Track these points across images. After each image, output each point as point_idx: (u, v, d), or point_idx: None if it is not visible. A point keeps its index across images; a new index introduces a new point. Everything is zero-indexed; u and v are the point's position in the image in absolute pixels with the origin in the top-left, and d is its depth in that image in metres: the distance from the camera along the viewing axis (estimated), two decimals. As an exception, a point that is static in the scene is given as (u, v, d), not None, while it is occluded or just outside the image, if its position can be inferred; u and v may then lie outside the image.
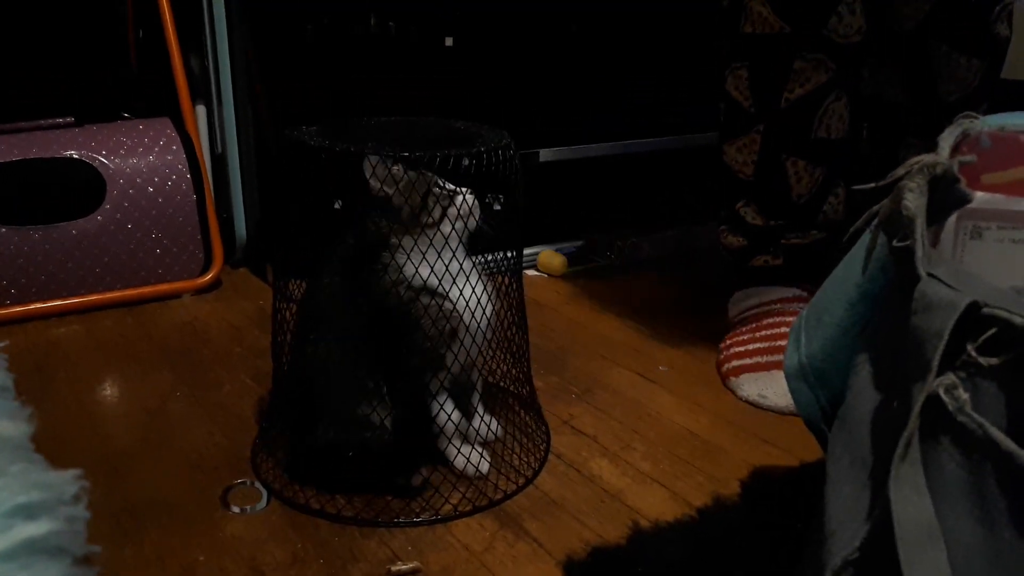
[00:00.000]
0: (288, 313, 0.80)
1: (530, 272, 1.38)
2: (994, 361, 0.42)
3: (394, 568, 0.66)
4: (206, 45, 1.28)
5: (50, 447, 0.82)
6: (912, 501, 0.42)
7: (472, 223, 0.76)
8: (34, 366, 1.02)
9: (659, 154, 1.54)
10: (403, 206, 0.73)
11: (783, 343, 0.98)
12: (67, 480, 0.26)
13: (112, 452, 0.83)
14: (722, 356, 1.03)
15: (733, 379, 0.98)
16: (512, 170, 0.76)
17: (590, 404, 0.94)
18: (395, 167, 0.72)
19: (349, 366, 0.75)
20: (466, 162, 0.73)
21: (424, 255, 0.73)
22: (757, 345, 1.01)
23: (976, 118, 0.53)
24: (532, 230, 1.44)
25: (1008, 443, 0.40)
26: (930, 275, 0.45)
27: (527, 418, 0.88)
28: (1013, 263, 0.50)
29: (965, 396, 0.42)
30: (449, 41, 1.27)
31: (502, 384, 0.89)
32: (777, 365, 0.95)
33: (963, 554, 0.41)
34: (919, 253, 0.46)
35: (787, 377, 0.66)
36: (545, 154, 1.44)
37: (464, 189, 0.76)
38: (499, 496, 0.76)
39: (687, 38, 1.51)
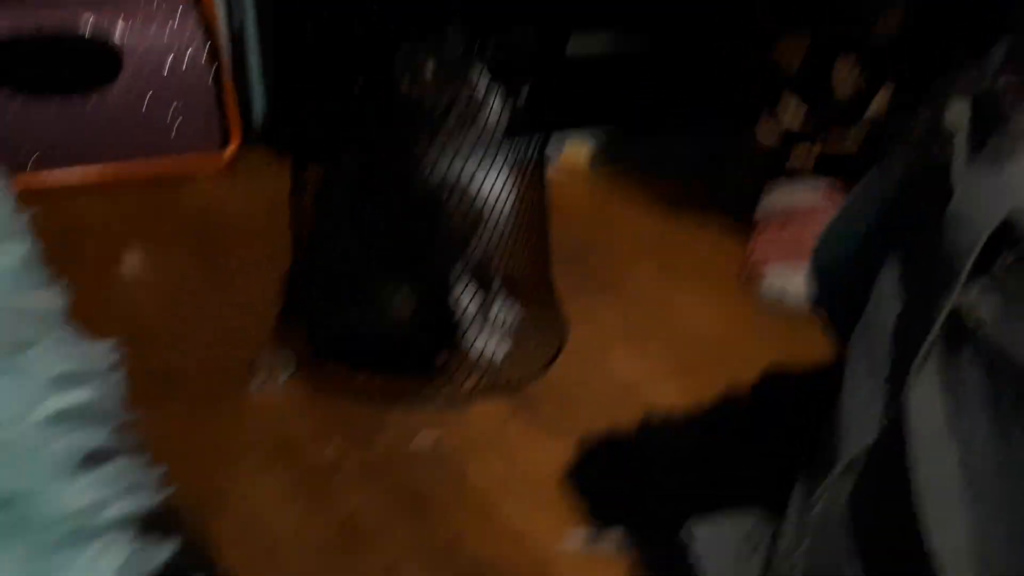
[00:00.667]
0: (307, 196, 0.80)
1: (556, 164, 1.36)
2: (1019, 279, 0.43)
3: (414, 439, 0.69)
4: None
5: (80, 318, 0.84)
6: (926, 405, 0.44)
7: (503, 122, 0.75)
8: (56, 238, 1.02)
9: (690, 51, 1.48)
10: (434, 105, 0.72)
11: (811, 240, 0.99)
12: (103, 350, 0.27)
13: (135, 328, 0.84)
14: (750, 250, 1.04)
15: (759, 272, 0.99)
16: (534, 56, 0.75)
17: (612, 297, 0.95)
18: (427, 65, 0.71)
19: (373, 252, 0.76)
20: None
21: (454, 149, 0.73)
22: (785, 241, 1.02)
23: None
24: (559, 121, 1.41)
25: (1026, 357, 0.41)
26: (966, 190, 0.45)
27: (546, 309, 0.89)
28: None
29: (989, 311, 0.43)
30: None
31: (522, 273, 0.90)
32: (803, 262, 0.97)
33: (976, 457, 0.43)
34: (957, 167, 0.46)
35: (811, 273, 0.67)
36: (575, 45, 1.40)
37: (496, 89, 0.74)
38: (515, 381, 0.78)
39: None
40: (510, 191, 0.77)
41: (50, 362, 0.25)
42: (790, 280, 0.95)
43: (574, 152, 1.36)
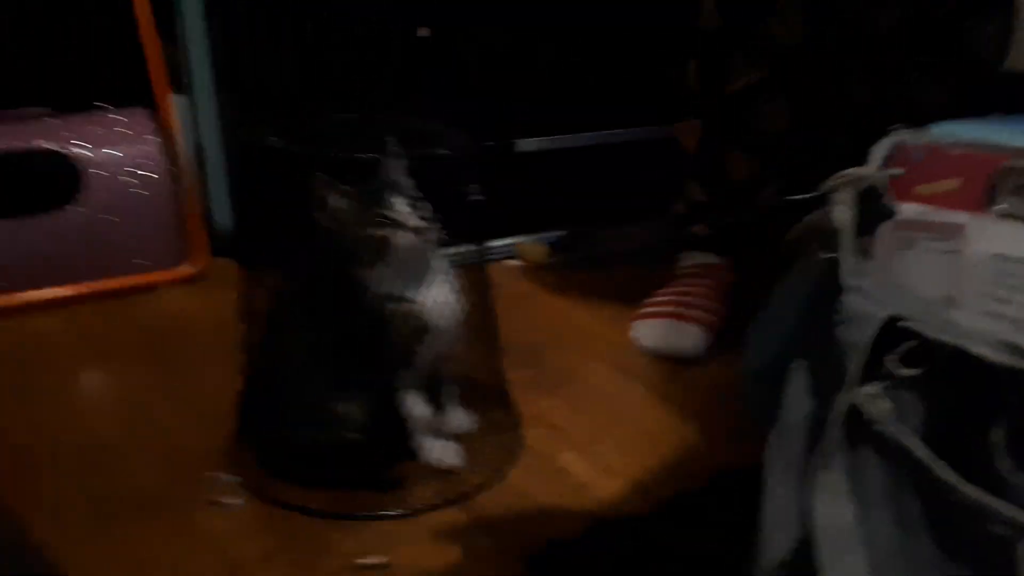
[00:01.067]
0: (257, 306, 0.82)
1: (510, 263, 1.39)
2: (913, 372, 0.44)
3: (361, 561, 0.69)
4: (180, 35, 1.29)
5: (35, 442, 0.85)
6: (831, 506, 0.45)
7: (432, 235, 0.77)
8: (14, 360, 1.04)
9: (640, 143, 1.55)
10: (352, 232, 0.74)
11: (687, 298, 1.08)
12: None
13: (90, 446, 0.85)
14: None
15: (631, 324, 1.08)
16: (471, 168, 0.78)
17: (564, 398, 0.96)
18: (335, 197, 0.73)
19: (323, 364, 0.77)
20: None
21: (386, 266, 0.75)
22: (663, 298, 1.10)
23: (909, 130, 0.55)
24: (512, 220, 1.45)
25: (924, 452, 0.43)
26: (854, 287, 0.47)
27: (499, 412, 0.90)
28: (943, 273, 0.52)
29: (886, 406, 0.45)
30: (425, 32, 1.28)
31: (473, 377, 0.91)
32: (666, 315, 1.07)
33: (883, 556, 0.44)
34: (844, 265, 0.48)
35: (743, 379, 0.68)
36: (523, 144, 1.46)
37: (408, 210, 0.75)
38: (469, 489, 0.78)
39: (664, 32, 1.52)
40: (451, 298, 0.79)
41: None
42: (643, 328, 1.07)
43: (530, 248, 1.39)
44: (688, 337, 1.03)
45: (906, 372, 0.44)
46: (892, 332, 0.45)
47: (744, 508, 0.70)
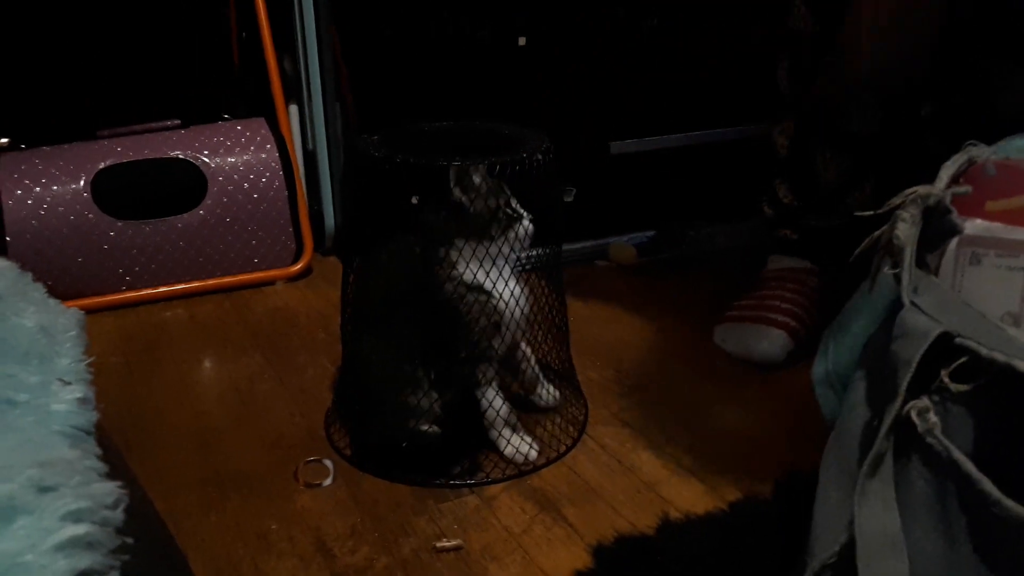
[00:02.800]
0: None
1: (600, 263, 1.42)
2: (963, 388, 0.45)
3: (439, 544, 0.74)
4: (298, 48, 1.38)
5: (157, 423, 0.94)
6: (876, 514, 0.46)
7: (526, 245, 0.82)
8: (143, 346, 1.15)
9: (732, 144, 1.54)
10: (479, 212, 0.80)
11: (773, 302, 1.08)
12: (108, 490, 0.34)
13: (204, 427, 0.94)
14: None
15: (715, 327, 1.10)
16: (550, 173, 0.82)
17: (641, 397, 0.98)
18: (476, 176, 0.79)
19: (401, 359, 0.82)
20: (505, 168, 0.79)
21: (480, 260, 0.80)
22: (748, 301, 1.11)
23: (981, 146, 0.55)
24: (604, 221, 1.48)
25: (969, 466, 0.43)
26: (912, 303, 0.48)
27: (567, 393, 0.95)
28: (1009, 289, 0.52)
29: (935, 419, 0.45)
30: (522, 41, 1.33)
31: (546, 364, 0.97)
32: (752, 319, 1.07)
33: (924, 564, 0.45)
34: (904, 281, 0.49)
35: (814, 383, 0.69)
36: (616, 146, 1.48)
37: (527, 215, 0.82)
38: (529, 468, 0.84)
39: (759, 29, 1.51)
40: (525, 295, 0.84)
41: (65, 503, 0.32)
42: (728, 333, 1.08)
43: (619, 249, 1.41)
44: (771, 342, 1.03)
45: (956, 387, 0.45)
46: (948, 347, 0.46)
47: (811, 513, 0.71)
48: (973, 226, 0.53)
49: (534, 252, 0.87)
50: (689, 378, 1.02)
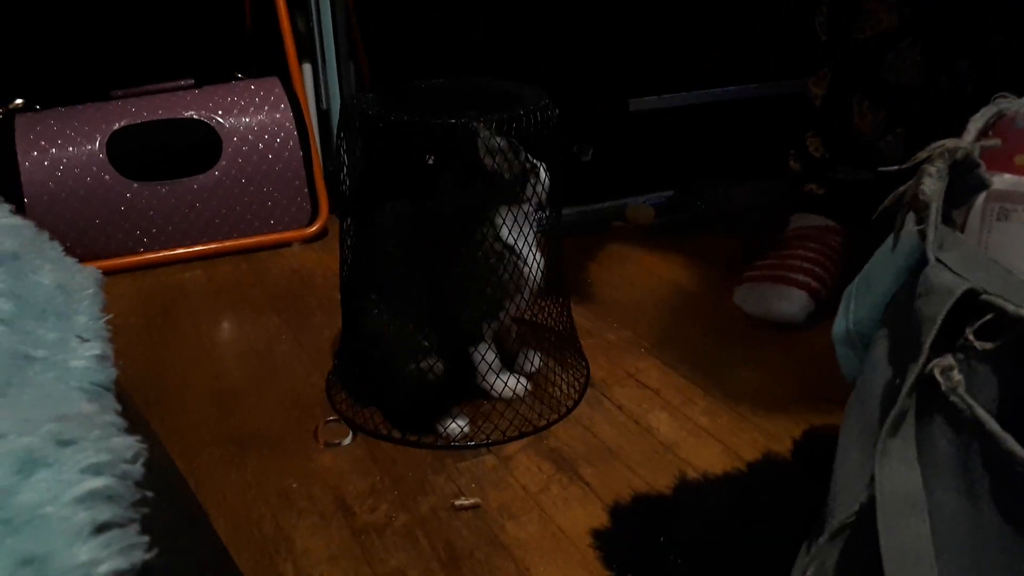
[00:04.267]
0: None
1: (618, 223, 1.41)
2: (988, 346, 0.44)
3: (457, 502, 0.74)
4: (311, 6, 1.36)
5: (174, 380, 0.95)
6: (898, 472, 0.45)
7: (544, 200, 0.82)
8: (161, 308, 1.16)
9: (753, 101, 1.52)
10: (505, 173, 0.79)
11: (794, 262, 1.06)
12: (128, 444, 0.34)
13: (223, 388, 0.95)
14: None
15: (735, 287, 1.08)
16: (552, 130, 0.81)
17: (659, 358, 0.98)
18: (500, 139, 0.78)
19: (405, 318, 0.82)
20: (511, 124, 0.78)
21: (515, 219, 0.80)
22: (769, 261, 1.09)
23: (1011, 98, 0.53)
24: (623, 180, 1.47)
25: (993, 425, 0.43)
26: (937, 260, 0.47)
27: (568, 354, 0.96)
28: (1038, 245, 0.51)
29: (959, 377, 0.45)
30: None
31: (545, 323, 0.97)
32: (773, 278, 1.05)
33: (947, 523, 0.44)
34: (929, 237, 0.48)
35: (835, 342, 0.68)
36: (635, 104, 1.46)
37: (541, 163, 0.81)
38: (543, 423, 0.85)
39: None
40: (539, 257, 0.83)
41: (85, 455, 0.33)
42: (749, 293, 1.06)
43: (636, 209, 1.40)
44: (791, 302, 1.02)
45: (981, 345, 0.44)
46: (973, 304, 0.45)
47: (829, 472, 0.71)
48: (1002, 180, 0.52)
49: (541, 213, 0.86)
50: (708, 339, 1.02)
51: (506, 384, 0.87)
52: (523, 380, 0.89)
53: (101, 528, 0.31)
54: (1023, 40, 1.02)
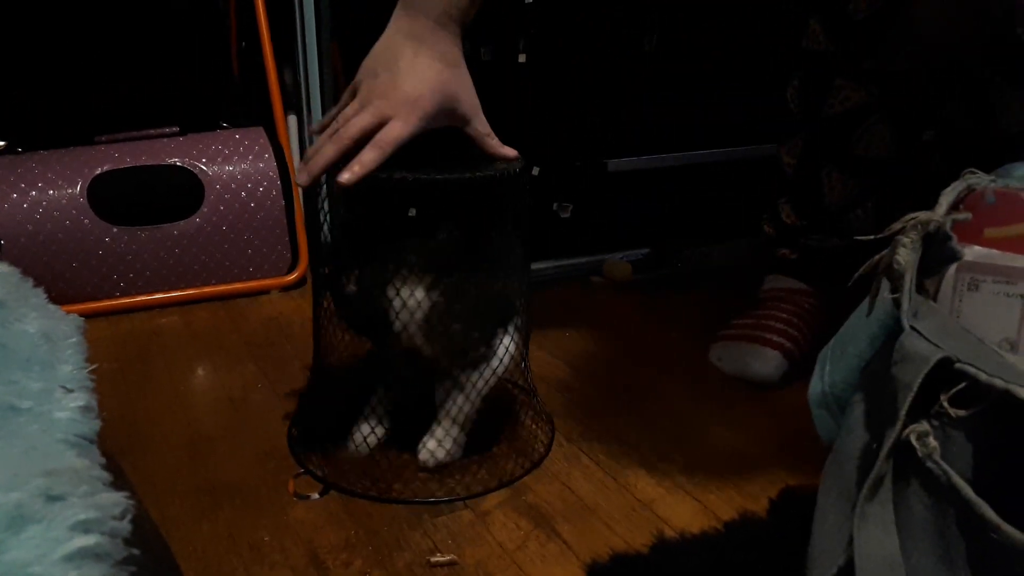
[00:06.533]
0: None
1: (596, 279, 1.43)
2: (963, 413, 0.45)
3: (433, 559, 0.73)
4: (298, 59, 1.38)
5: (150, 429, 0.94)
6: (876, 537, 0.46)
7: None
8: (137, 353, 1.15)
9: (730, 164, 1.55)
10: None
11: (769, 323, 1.09)
12: (118, 500, 0.34)
13: (197, 436, 0.93)
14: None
15: (711, 346, 1.11)
16: (521, 192, 0.82)
17: (636, 414, 0.98)
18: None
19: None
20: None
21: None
22: (745, 321, 1.11)
23: (980, 174, 0.56)
24: (600, 237, 1.49)
25: (969, 492, 0.44)
26: (912, 328, 0.49)
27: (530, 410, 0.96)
28: (1007, 316, 0.52)
29: (935, 444, 0.46)
30: (523, 58, 1.34)
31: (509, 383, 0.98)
32: (748, 338, 1.08)
33: (923, 588, 0.45)
34: (904, 306, 0.50)
35: (810, 403, 0.70)
36: (614, 164, 1.49)
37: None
38: (519, 472, 0.86)
39: (759, 50, 1.52)
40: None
41: (74, 512, 0.32)
42: (725, 351, 1.09)
43: (614, 265, 1.42)
44: (766, 362, 1.04)
45: (955, 412, 0.45)
46: (948, 372, 0.47)
47: (807, 533, 0.71)
48: (972, 252, 0.54)
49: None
50: (684, 396, 1.03)
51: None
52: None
53: (89, 585, 0.30)
54: (984, 113, 1.07)
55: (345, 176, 0.74)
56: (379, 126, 0.76)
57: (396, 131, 0.76)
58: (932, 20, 0.97)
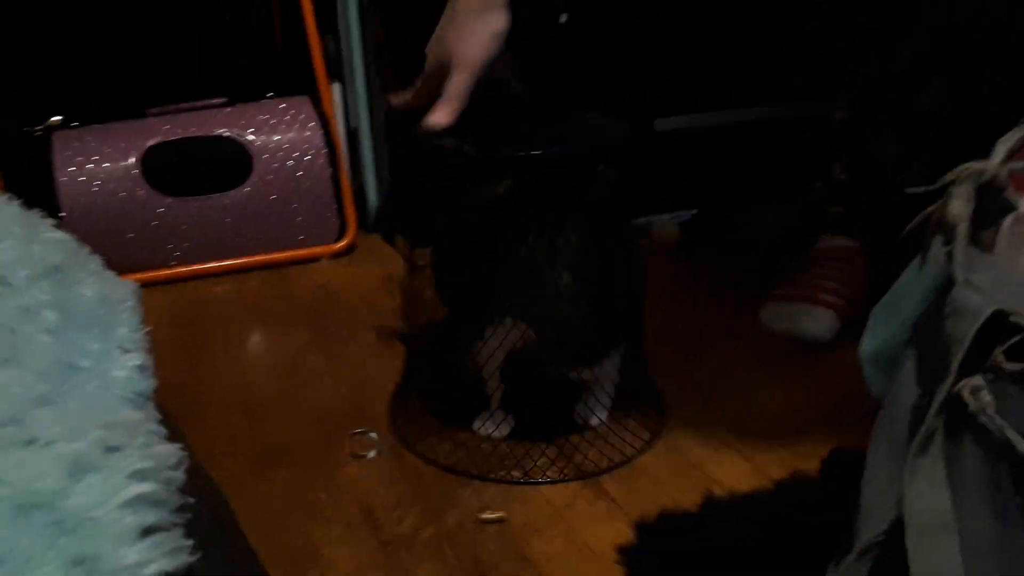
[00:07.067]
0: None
1: (643, 240, 1.41)
2: (1018, 367, 0.44)
3: (482, 516, 0.75)
4: (340, 28, 1.39)
5: (206, 395, 0.97)
6: (926, 493, 0.45)
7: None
8: (192, 321, 1.18)
9: (780, 122, 1.52)
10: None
11: (821, 281, 1.07)
12: (171, 451, 0.35)
13: (252, 400, 0.96)
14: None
15: (762, 306, 1.08)
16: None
17: (685, 375, 0.98)
18: None
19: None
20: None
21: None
22: (796, 280, 1.09)
23: (1041, 121, 0.53)
24: (647, 198, 1.47)
25: (1023, 445, 0.43)
26: (965, 281, 0.47)
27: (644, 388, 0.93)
28: (1067, 267, 0.50)
29: (988, 398, 0.45)
30: (564, 18, 1.32)
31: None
32: (799, 297, 1.06)
33: (977, 544, 0.44)
34: (957, 259, 0.48)
35: (861, 360, 0.68)
36: (660, 123, 1.46)
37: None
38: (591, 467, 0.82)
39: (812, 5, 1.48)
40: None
41: (130, 462, 0.34)
42: (775, 313, 1.07)
43: (662, 226, 1.40)
44: (818, 321, 1.02)
45: (1010, 366, 0.44)
46: (1002, 325, 0.45)
47: (858, 492, 0.70)
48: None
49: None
50: (734, 357, 1.02)
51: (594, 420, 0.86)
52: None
53: (147, 532, 0.32)
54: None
55: (438, 116, 0.81)
56: (440, 75, 0.84)
57: (458, 84, 0.83)
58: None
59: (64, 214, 1.24)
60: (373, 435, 0.88)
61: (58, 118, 1.38)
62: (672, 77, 1.45)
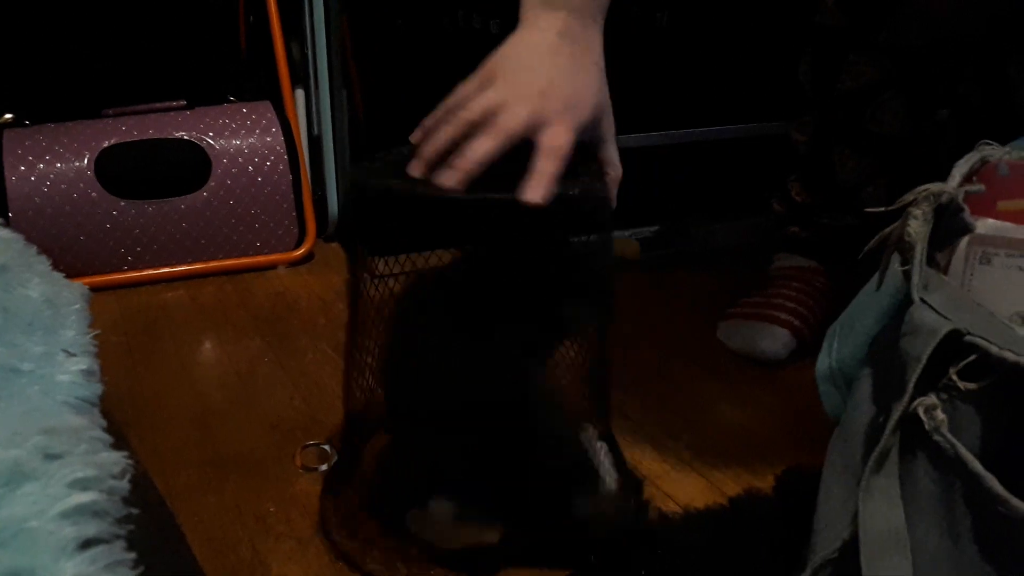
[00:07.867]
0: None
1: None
2: (972, 386, 0.45)
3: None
4: (306, 34, 1.37)
5: (154, 400, 0.94)
6: (881, 510, 0.46)
7: None
8: (144, 327, 1.15)
9: (739, 141, 1.54)
10: None
11: (778, 300, 1.08)
12: (117, 460, 0.33)
13: (204, 409, 0.94)
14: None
15: (719, 324, 1.10)
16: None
17: (643, 392, 0.98)
18: None
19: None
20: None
21: None
22: (753, 299, 1.11)
23: (995, 146, 0.55)
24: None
25: (976, 465, 0.43)
26: (922, 300, 0.48)
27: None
28: (1019, 289, 0.52)
29: (942, 417, 0.45)
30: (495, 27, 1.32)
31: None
32: (757, 317, 1.07)
33: (928, 562, 0.45)
34: (914, 278, 0.49)
35: (818, 379, 0.69)
36: (621, 140, 1.47)
37: None
38: None
39: (771, 25, 1.50)
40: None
41: (71, 470, 0.32)
42: (734, 331, 1.08)
43: (622, 243, 1.41)
44: (775, 340, 1.03)
45: (964, 385, 0.45)
46: (957, 345, 0.46)
47: (812, 509, 0.71)
48: (984, 225, 0.53)
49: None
50: (691, 374, 1.02)
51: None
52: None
53: (87, 544, 0.30)
54: (999, 89, 1.05)
55: (538, 192, 0.60)
56: (530, 128, 0.63)
57: (561, 139, 0.63)
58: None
59: (12, 214, 1.21)
60: (326, 448, 0.86)
61: (9, 116, 1.34)
62: (629, 95, 1.46)
